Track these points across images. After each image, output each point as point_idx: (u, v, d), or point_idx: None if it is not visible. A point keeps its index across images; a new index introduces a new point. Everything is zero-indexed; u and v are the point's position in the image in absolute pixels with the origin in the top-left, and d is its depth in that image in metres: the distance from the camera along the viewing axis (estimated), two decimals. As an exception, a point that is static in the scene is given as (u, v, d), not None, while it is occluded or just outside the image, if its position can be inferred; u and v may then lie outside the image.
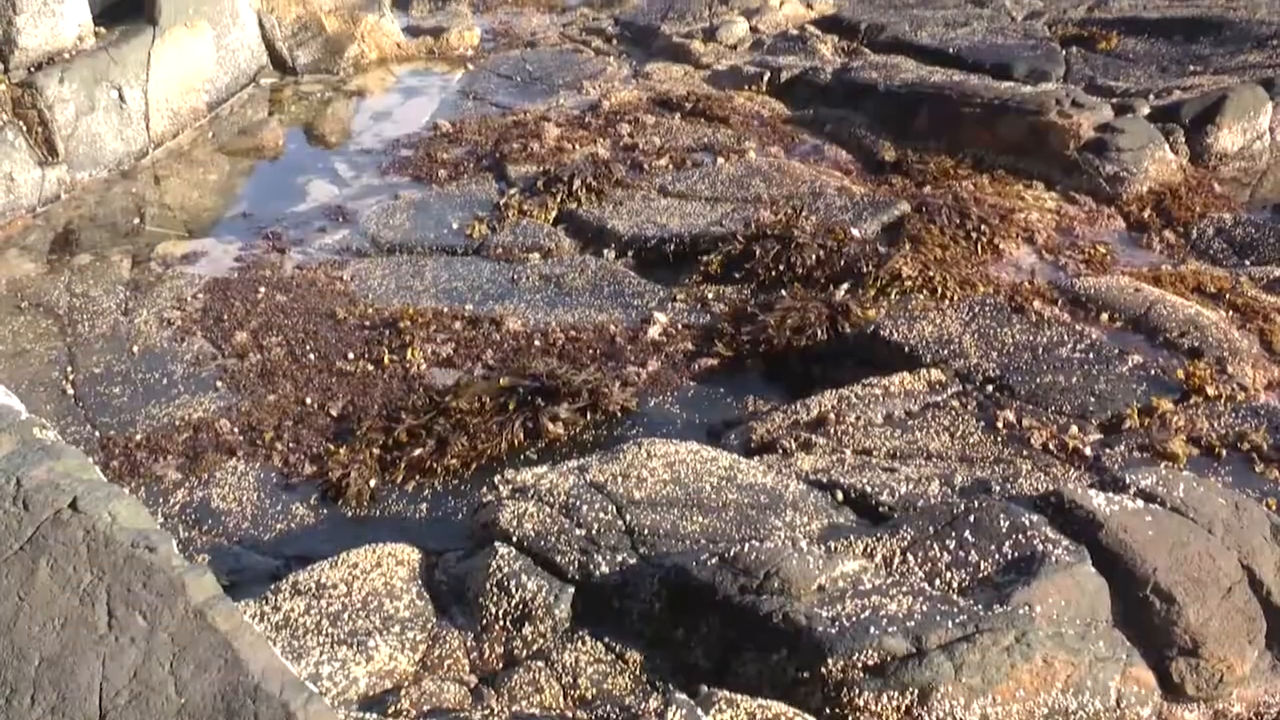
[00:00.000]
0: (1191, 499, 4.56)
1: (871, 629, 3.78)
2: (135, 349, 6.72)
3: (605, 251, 7.69)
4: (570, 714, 3.85)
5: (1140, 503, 4.51)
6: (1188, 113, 9.04)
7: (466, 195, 8.54)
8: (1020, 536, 4.27)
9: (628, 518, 4.54)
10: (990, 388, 5.81)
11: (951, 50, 10.90)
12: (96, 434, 5.96)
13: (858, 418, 5.59)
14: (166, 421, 6.06)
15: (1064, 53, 10.81)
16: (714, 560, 4.13)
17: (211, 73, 9.99)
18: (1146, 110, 9.17)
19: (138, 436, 5.92)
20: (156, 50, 9.30)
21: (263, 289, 7.29)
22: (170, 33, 9.46)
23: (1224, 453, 5.33)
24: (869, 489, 4.85)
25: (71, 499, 3.55)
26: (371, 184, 8.93)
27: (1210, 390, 5.74)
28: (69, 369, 6.55)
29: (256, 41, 10.73)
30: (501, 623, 4.22)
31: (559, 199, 8.24)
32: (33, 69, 8.45)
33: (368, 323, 6.92)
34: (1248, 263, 7.61)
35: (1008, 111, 9.00)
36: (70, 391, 6.34)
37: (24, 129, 8.22)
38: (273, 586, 4.35)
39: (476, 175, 8.87)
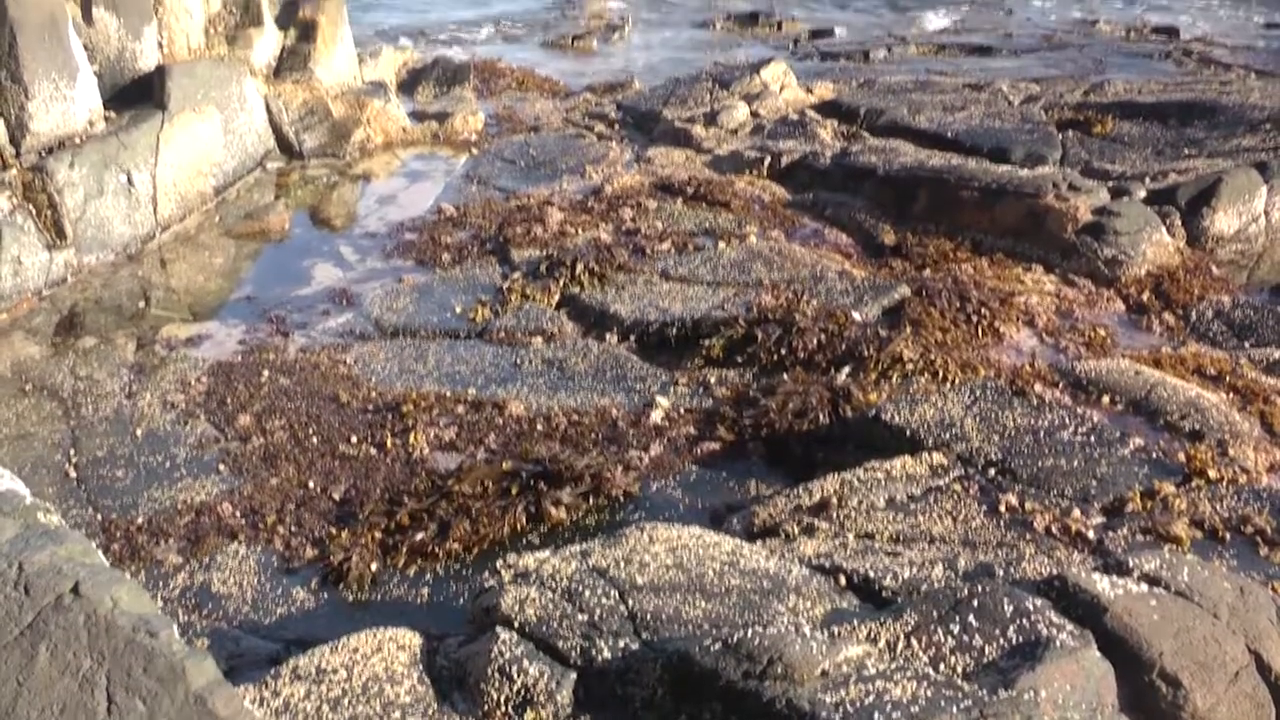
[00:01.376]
0: (1196, 582, 4.54)
1: (876, 715, 3.74)
2: (138, 432, 6.73)
3: (608, 335, 7.73)
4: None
5: (1145, 586, 4.49)
6: (1183, 196, 9.15)
7: (470, 279, 8.60)
8: (1024, 621, 4.24)
9: (630, 603, 4.52)
10: (992, 471, 5.81)
11: (949, 134, 11.05)
12: (98, 517, 5.95)
13: (860, 502, 5.59)
14: (168, 504, 6.05)
15: (1060, 136, 10.97)
16: (717, 646, 4.10)
17: (219, 157, 10.11)
18: (1143, 194, 9.28)
19: (139, 519, 5.91)
20: (165, 135, 9.43)
21: (266, 372, 7.32)
22: (179, 118, 9.58)
23: (1228, 536, 5.30)
24: (872, 573, 4.83)
25: (73, 584, 3.55)
26: (376, 267, 8.99)
27: (1212, 473, 5.73)
28: (72, 452, 6.55)
29: (264, 126, 10.87)
30: (503, 709, 4.18)
31: (562, 283, 8.30)
32: (44, 153, 8.56)
33: (371, 406, 6.94)
34: (1247, 345, 7.65)
35: (1006, 195, 9.10)
36: (73, 474, 6.35)
37: (33, 213, 8.31)
38: (273, 671, 4.31)
39: (480, 259, 8.94)
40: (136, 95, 9.66)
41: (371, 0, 20.13)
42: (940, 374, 6.87)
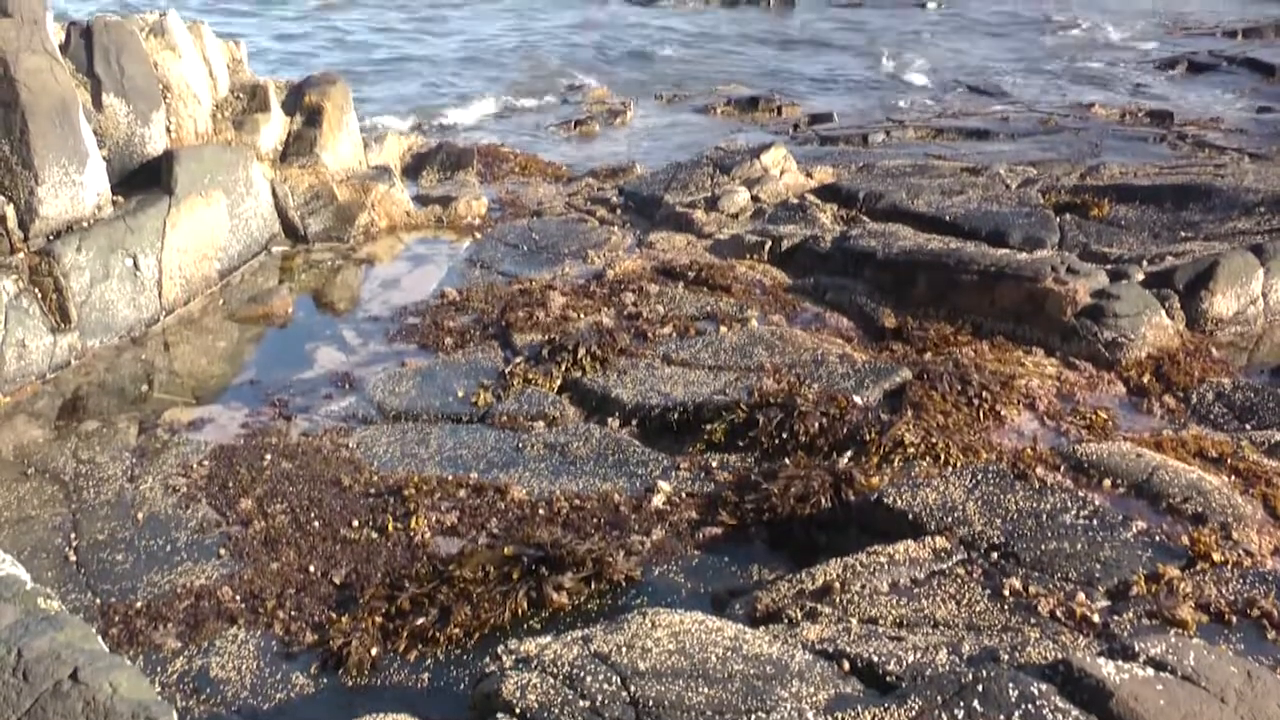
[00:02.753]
0: (1202, 667, 4.51)
1: (881, 805, 3.70)
2: (139, 515, 6.72)
3: (609, 420, 7.75)
4: None
5: (1150, 671, 4.46)
6: (1181, 279, 9.21)
7: (472, 363, 8.63)
8: (1029, 706, 4.21)
9: (632, 689, 4.49)
10: (996, 555, 5.79)
11: (948, 217, 11.14)
12: (97, 601, 5.93)
13: (863, 586, 5.56)
14: (168, 588, 6.03)
15: (1058, 220, 11.05)
16: (720, 733, 4.07)
17: (224, 241, 10.20)
18: (1141, 276, 9.34)
19: (139, 603, 5.89)
20: (172, 219, 9.52)
21: (268, 456, 7.33)
22: (186, 202, 9.68)
23: (1234, 619, 5.28)
24: (876, 658, 4.80)
25: (72, 670, 3.54)
26: (379, 351, 9.03)
27: (1216, 556, 5.72)
28: (72, 535, 6.54)
29: (269, 210, 10.97)
30: (504, 798, 4.14)
31: (564, 367, 8.33)
32: (51, 237, 8.65)
33: (372, 490, 6.94)
34: (1248, 427, 7.66)
35: (1005, 278, 9.15)
36: (73, 558, 6.33)
37: (39, 296, 8.37)
38: (272, 760, 4.28)
39: (482, 343, 8.97)
40: (144, 179, 9.76)
41: (381, 93, 20.40)
42: (942, 457, 6.87)
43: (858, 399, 7.56)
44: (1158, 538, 5.88)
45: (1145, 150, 15.16)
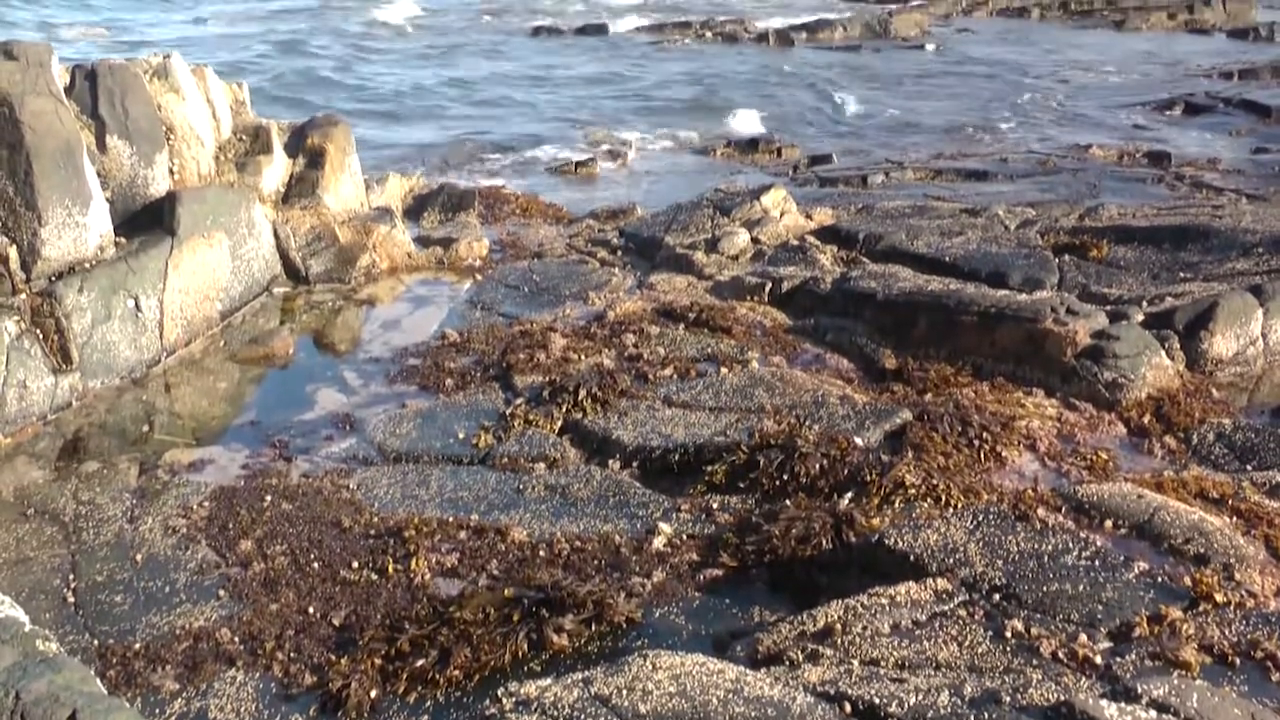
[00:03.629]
0: (1206, 709, 4.50)
1: None
2: (138, 557, 6.71)
3: (610, 461, 7.75)
4: None
5: (1153, 713, 4.45)
6: (1181, 319, 9.23)
7: (473, 404, 8.63)
8: (1033, 751, 4.19)
9: (633, 732, 4.47)
10: (997, 596, 5.77)
11: (947, 258, 11.16)
12: (95, 643, 5.91)
13: (865, 628, 5.55)
14: (166, 630, 6.01)
15: (1057, 261, 11.07)
16: (721, 776, 4.05)
17: (226, 282, 10.23)
18: (1140, 317, 9.36)
19: (137, 645, 5.87)
20: (174, 260, 9.55)
21: (268, 497, 7.32)
22: (188, 243, 9.71)
23: (1237, 661, 5.26)
24: (877, 700, 4.79)
25: (71, 712, 3.53)
26: (379, 392, 9.03)
27: (1219, 597, 5.71)
28: (71, 577, 6.53)
29: (271, 251, 11.00)
30: (503, 843, 4.11)
31: (564, 409, 8.33)
32: (53, 278, 8.68)
33: (372, 531, 6.93)
34: (1249, 468, 7.66)
35: (1005, 319, 9.17)
36: (71, 600, 6.32)
37: (40, 337, 8.39)
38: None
39: (483, 385, 8.97)
40: (147, 220, 9.79)
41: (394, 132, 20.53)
42: (943, 499, 6.86)
43: (858, 440, 7.56)
44: (1160, 579, 5.87)
45: (1143, 191, 15.23)
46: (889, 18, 36.06)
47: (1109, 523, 6.47)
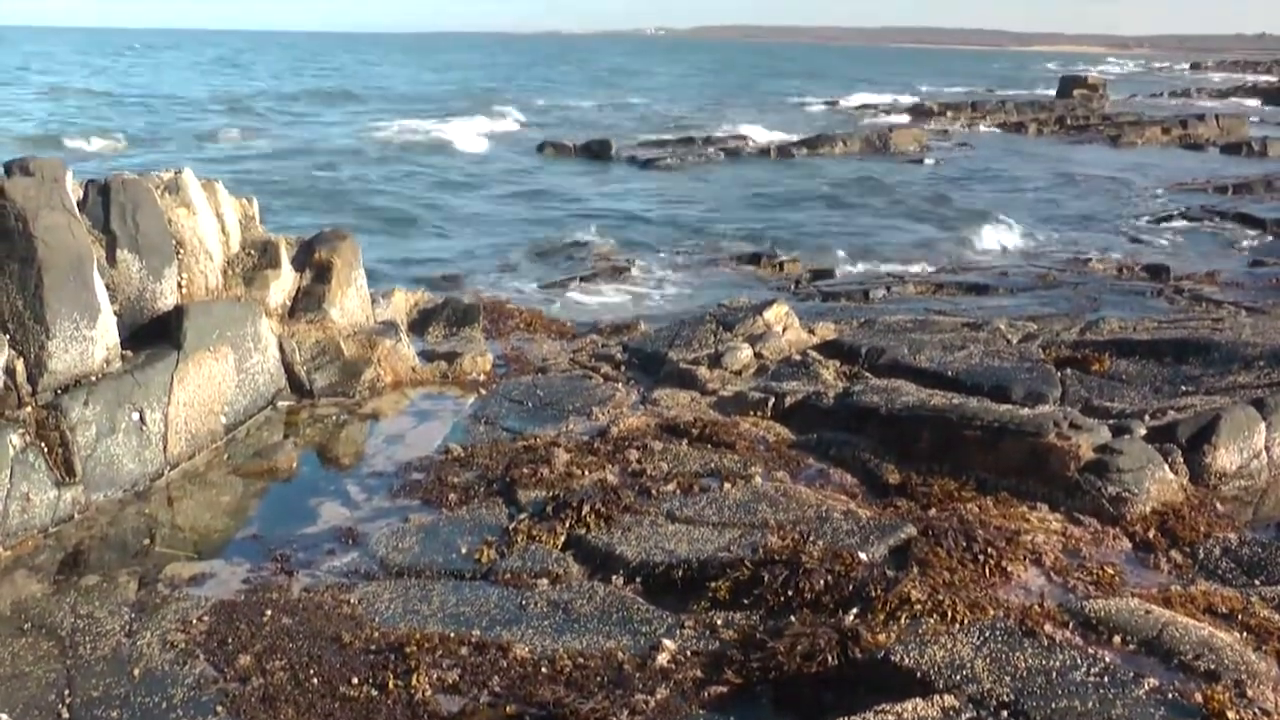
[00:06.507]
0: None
1: None
2: (136, 671, 6.64)
3: (613, 577, 7.70)
4: None
5: (1167, 839, 4.36)
6: (1184, 433, 9.24)
7: (476, 519, 8.60)
8: None
9: None
10: (1005, 713, 5.69)
11: (950, 373, 11.20)
12: (91, 763, 5.83)
13: (871, 746, 5.47)
14: (163, 749, 5.93)
15: (1059, 375, 11.12)
16: None
17: (231, 396, 10.26)
18: (1143, 431, 9.37)
19: (133, 765, 5.79)
20: (180, 374, 9.59)
21: (269, 611, 7.26)
22: (194, 357, 9.77)
23: (1250, 782, 5.18)
24: (885, 823, 4.70)
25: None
26: (382, 506, 9.01)
27: (1232, 714, 5.62)
28: (66, 692, 6.44)
29: (276, 365, 11.06)
30: None
31: (568, 524, 8.30)
32: (59, 391, 8.71)
33: (373, 647, 6.86)
34: (1257, 582, 7.60)
35: (1008, 434, 9.17)
36: (66, 715, 6.23)
37: (44, 450, 8.39)
38: None
39: (486, 499, 8.95)
40: (154, 334, 9.86)
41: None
42: (949, 614, 6.80)
43: (863, 556, 7.52)
44: (1170, 695, 5.79)
45: (1143, 304, 15.37)
46: (889, 133, 36.67)
47: (1117, 638, 6.40)
